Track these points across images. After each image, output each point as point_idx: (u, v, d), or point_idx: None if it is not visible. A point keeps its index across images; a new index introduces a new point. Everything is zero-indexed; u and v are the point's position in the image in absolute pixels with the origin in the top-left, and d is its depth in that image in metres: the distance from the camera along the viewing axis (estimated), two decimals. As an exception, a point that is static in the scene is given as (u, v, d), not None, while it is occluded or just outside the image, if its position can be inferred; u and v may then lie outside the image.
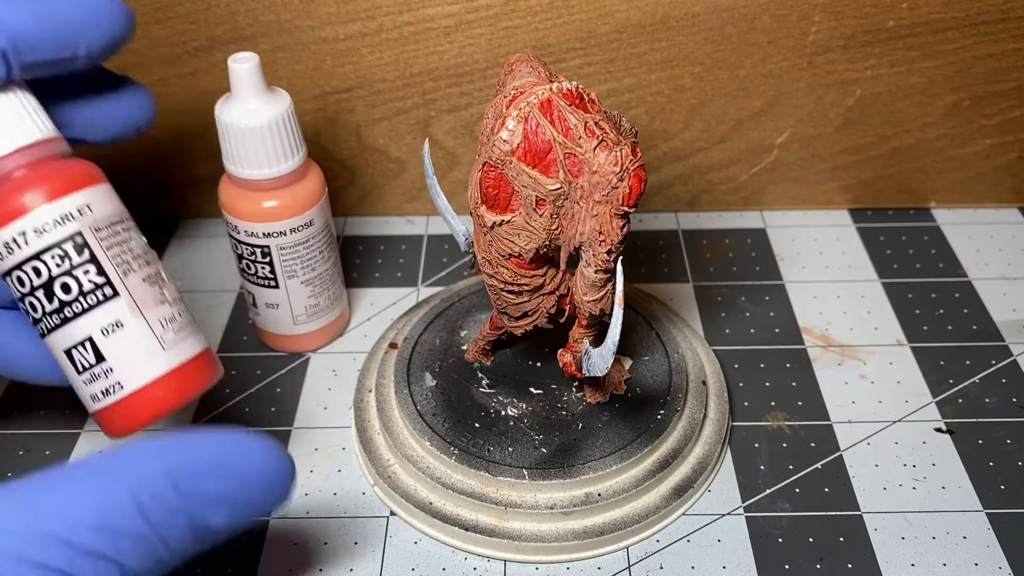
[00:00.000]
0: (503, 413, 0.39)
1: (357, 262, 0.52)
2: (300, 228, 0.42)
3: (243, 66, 0.38)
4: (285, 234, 0.42)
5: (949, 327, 0.47)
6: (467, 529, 0.36)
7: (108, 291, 0.30)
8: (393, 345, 0.43)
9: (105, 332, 0.30)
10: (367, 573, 0.36)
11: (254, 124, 0.39)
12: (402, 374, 0.41)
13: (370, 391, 0.42)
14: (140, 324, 0.31)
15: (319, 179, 0.43)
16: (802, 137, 0.52)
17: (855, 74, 0.49)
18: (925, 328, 0.47)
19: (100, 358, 0.30)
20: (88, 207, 0.30)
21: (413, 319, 0.45)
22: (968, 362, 0.45)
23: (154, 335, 0.31)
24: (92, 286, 0.30)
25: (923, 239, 0.53)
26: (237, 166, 0.40)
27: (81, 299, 0.30)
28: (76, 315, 0.30)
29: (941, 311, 0.48)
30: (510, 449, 0.38)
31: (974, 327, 0.47)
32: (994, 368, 0.44)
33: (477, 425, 0.39)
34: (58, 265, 0.30)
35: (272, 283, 0.43)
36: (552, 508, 0.36)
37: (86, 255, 0.30)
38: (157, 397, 0.31)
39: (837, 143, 0.52)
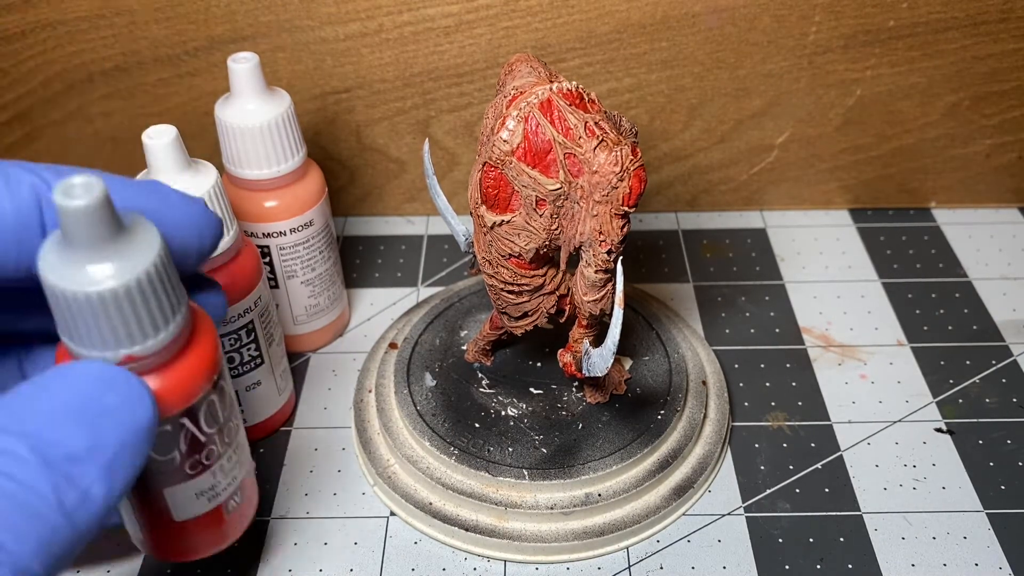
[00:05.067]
0: (503, 413, 0.39)
1: (357, 262, 0.52)
2: (300, 228, 0.42)
3: (243, 66, 0.38)
4: (285, 234, 0.42)
5: (949, 327, 0.47)
6: (467, 529, 0.36)
7: (259, 361, 0.39)
8: (393, 345, 0.43)
9: (248, 389, 0.39)
10: (367, 573, 0.36)
11: (254, 124, 0.39)
12: (402, 374, 0.41)
13: (370, 391, 0.42)
14: (271, 380, 0.40)
15: (319, 179, 0.43)
16: (802, 137, 0.52)
17: (855, 74, 0.49)
18: (925, 328, 0.47)
19: (239, 404, 0.38)
20: (260, 298, 0.38)
21: (413, 319, 0.45)
22: (968, 362, 0.45)
23: (276, 386, 0.41)
24: (250, 358, 0.38)
25: (923, 239, 0.53)
26: (237, 166, 0.40)
27: (240, 367, 0.38)
28: (232, 377, 0.38)
29: (941, 311, 0.48)
30: (510, 449, 0.38)
31: (974, 327, 0.47)
32: (994, 368, 0.44)
33: (477, 425, 0.39)
34: (231, 345, 0.37)
35: (272, 283, 0.43)
36: (552, 508, 0.36)
37: (252, 337, 0.38)
38: (265, 427, 0.41)
39: (837, 143, 0.52)
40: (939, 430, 0.42)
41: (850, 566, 0.36)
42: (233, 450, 0.29)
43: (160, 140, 0.34)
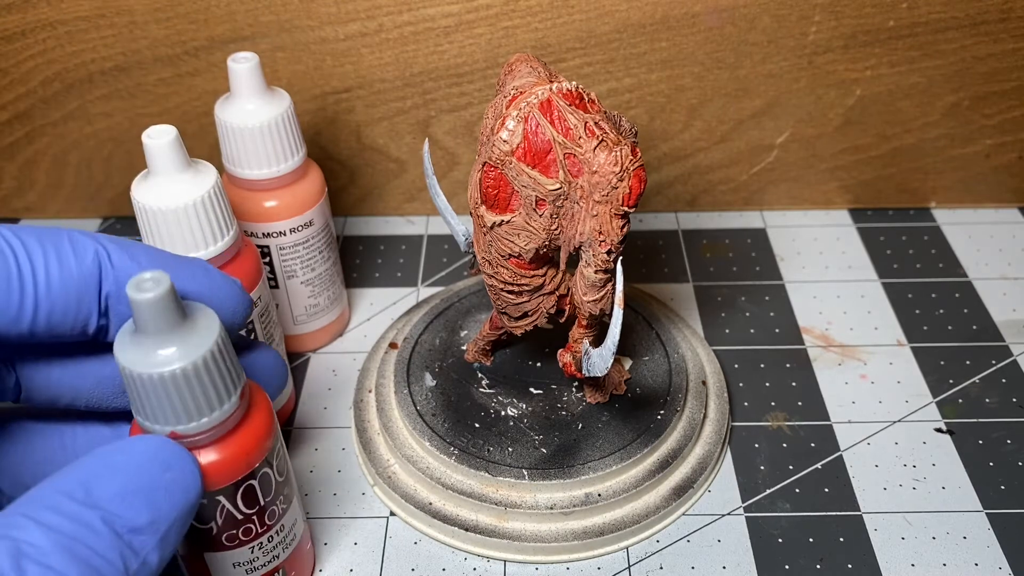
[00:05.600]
0: (503, 413, 0.39)
1: (357, 262, 0.52)
2: (300, 228, 0.42)
3: (243, 66, 0.38)
4: (285, 234, 0.42)
5: (949, 327, 0.47)
6: (467, 529, 0.36)
7: None
8: (393, 345, 0.43)
9: None
10: (367, 573, 0.36)
11: (254, 124, 0.39)
12: (402, 374, 0.41)
13: (370, 391, 0.42)
14: None
15: (319, 179, 0.43)
16: (802, 137, 0.52)
17: (855, 74, 0.49)
18: (925, 328, 0.47)
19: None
20: (260, 298, 0.38)
21: (413, 319, 0.45)
22: (968, 362, 0.45)
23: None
24: None
25: (923, 239, 0.53)
26: (237, 166, 0.40)
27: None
28: None
29: (941, 311, 0.48)
30: (510, 449, 0.38)
31: (974, 327, 0.47)
32: (994, 368, 0.44)
33: (477, 425, 0.39)
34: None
35: (271, 283, 0.43)
36: (552, 508, 0.36)
37: (252, 337, 0.38)
38: None
39: (837, 143, 0.52)
40: (939, 430, 0.42)
41: (850, 566, 0.36)
42: (276, 531, 0.32)
43: (160, 140, 0.33)
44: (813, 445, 0.41)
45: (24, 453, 0.31)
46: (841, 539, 0.37)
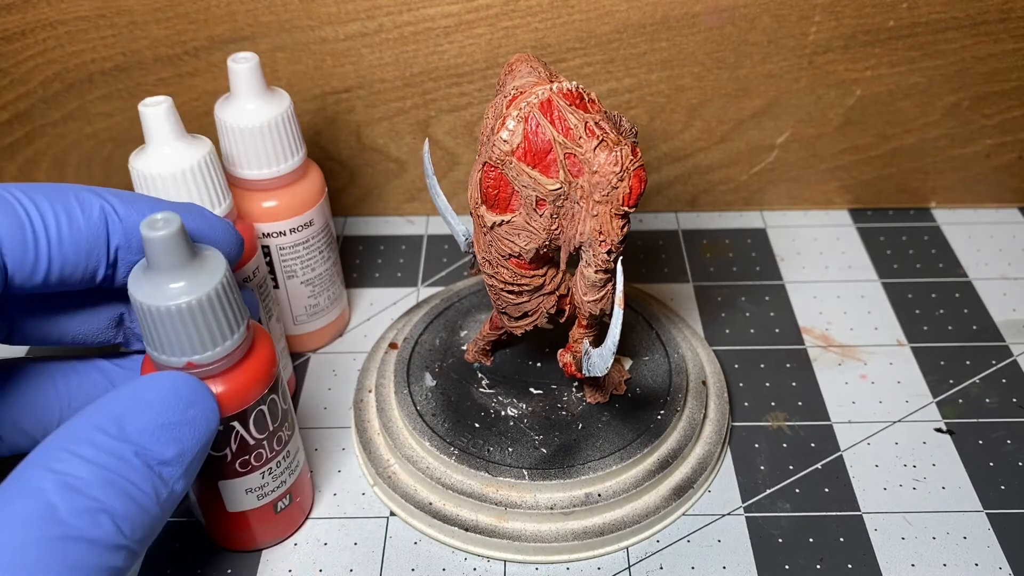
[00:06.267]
0: (503, 413, 0.39)
1: (357, 262, 0.52)
2: (300, 228, 0.42)
3: (243, 66, 0.38)
4: (285, 234, 0.42)
5: (949, 327, 0.47)
6: (467, 529, 0.36)
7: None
8: (393, 345, 0.43)
9: None
10: (367, 573, 0.36)
11: (254, 124, 0.39)
12: (402, 374, 0.41)
13: (370, 391, 0.42)
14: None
15: (319, 179, 0.43)
16: (802, 137, 0.52)
17: (855, 74, 0.49)
18: (925, 328, 0.47)
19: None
20: (257, 269, 0.39)
21: (413, 319, 0.45)
22: (968, 362, 0.45)
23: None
24: None
25: (923, 239, 0.53)
26: (237, 166, 0.40)
27: None
28: None
29: (941, 311, 0.48)
30: (510, 449, 0.38)
31: (974, 327, 0.47)
32: (994, 368, 0.44)
33: (477, 425, 0.39)
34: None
35: (272, 283, 0.43)
36: (552, 508, 0.36)
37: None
38: None
39: (837, 143, 0.52)
40: (939, 430, 0.42)
41: (850, 566, 0.36)
42: (283, 457, 0.34)
43: (156, 108, 0.34)
44: (813, 445, 0.41)
45: (20, 398, 0.33)
46: (841, 539, 0.37)
